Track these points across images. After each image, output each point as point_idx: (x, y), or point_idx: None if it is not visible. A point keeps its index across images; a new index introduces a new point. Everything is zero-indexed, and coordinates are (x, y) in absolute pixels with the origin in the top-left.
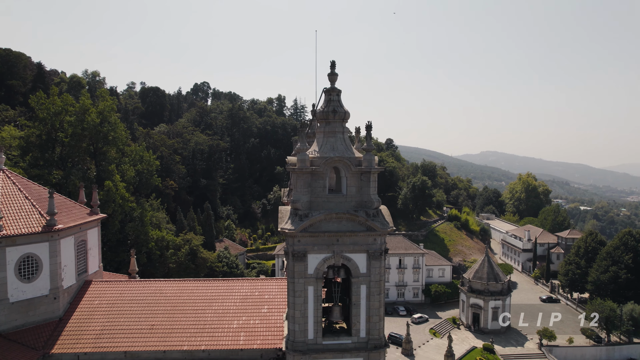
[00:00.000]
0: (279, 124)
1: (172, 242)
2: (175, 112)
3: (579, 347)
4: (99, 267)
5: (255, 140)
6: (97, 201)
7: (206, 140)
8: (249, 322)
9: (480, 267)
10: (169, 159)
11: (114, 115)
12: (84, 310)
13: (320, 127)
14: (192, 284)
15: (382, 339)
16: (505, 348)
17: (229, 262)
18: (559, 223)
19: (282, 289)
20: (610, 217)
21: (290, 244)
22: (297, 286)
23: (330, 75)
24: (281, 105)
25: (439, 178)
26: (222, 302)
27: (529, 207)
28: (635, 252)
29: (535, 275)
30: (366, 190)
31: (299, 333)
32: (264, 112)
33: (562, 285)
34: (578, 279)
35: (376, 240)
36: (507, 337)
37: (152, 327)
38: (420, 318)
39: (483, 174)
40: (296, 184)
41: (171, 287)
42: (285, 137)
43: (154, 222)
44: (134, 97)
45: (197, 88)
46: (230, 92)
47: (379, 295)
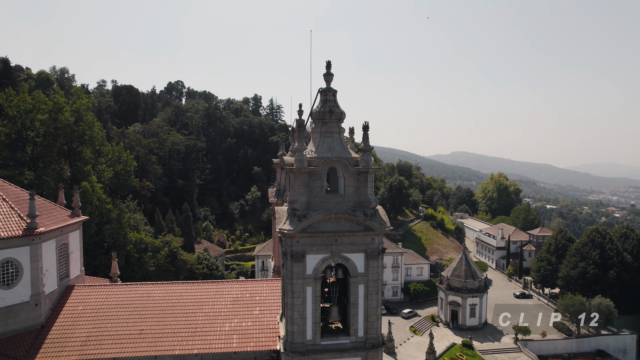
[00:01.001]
0: (256, 124)
1: (151, 245)
2: (150, 111)
3: (551, 341)
4: (81, 272)
5: (232, 140)
6: (78, 202)
7: (183, 140)
8: (242, 324)
9: (458, 265)
10: (145, 159)
11: (90, 114)
12: (68, 316)
13: (316, 127)
14: (181, 287)
15: (379, 338)
16: (483, 344)
17: (209, 264)
18: (529, 221)
19: (273, 290)
20: (574, 215)
21: (288, 244)
22: (295, 287)
23: (326, 75)
24: (257, 105)
25: (414, 178)
26: (212, 304)
27: (501, 206)
28: (602, 248)
29: (509, 272)
30: (363, 190)
31: (298, 334)
32: (241, 112)
33: (534, 281)
34: (549, 275)
35: (374, 240)
36: (485, 333)
37: (141, 332)
38: (410, 313)
39: (454, 174)
40: (294, 184)
41: (159, 290)
42: (263, 137)
43: (131, 224)
44: (106, 95)
45: (171, 87)
46: (205, 92)
47: (377, 294)
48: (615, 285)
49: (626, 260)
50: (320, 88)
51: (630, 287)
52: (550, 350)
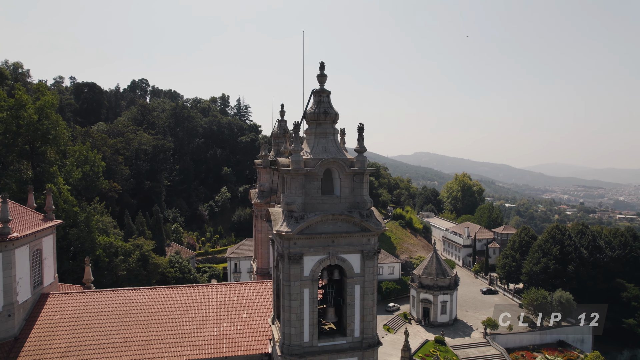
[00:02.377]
0: (225, 124)
1: (121, 248)
2: (113, 110)
3: (517, 334)
4: (55, 279)
5: (200, 141)
6: (51, 206)
7: (150, 140)
8: (231, 328)
9: (429, 264)
10: (111, 159)
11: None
12: (44, 326)
13: (310, 128)
14: (165, 292)
15: (375, 338)
16: (455, 339)
17: (181, 267)
18: (493, 220)
19: (260, 293)
20: (530, 213)
21: (285, 246)
22: (293, 289)
23: (320, 76)
24: (225, 104)
25: (382, 178)
26: (199, 309)
27: (465, 205)
28: (562, 244)
29: (475, 270)
30: (359, 191)
31: (295, 337)
32: (209, 111)
33: (499, 277)
34: (514, 271)
35: (370, 240)
36: (455, 329)
37: (126, 340)
38: (393, 307)
39: (417, 174)
40: (290, 185)
41: (142, 296)
42: (232, 138)
43: (100, 228)
44: (65, 92)
45: (135, 85)
46: (170, 90)
47: (372, 294)
48: (574, 279)
49: (583, 255)
50: (313, 89)
51: (587, 281)
52: (517, 343)
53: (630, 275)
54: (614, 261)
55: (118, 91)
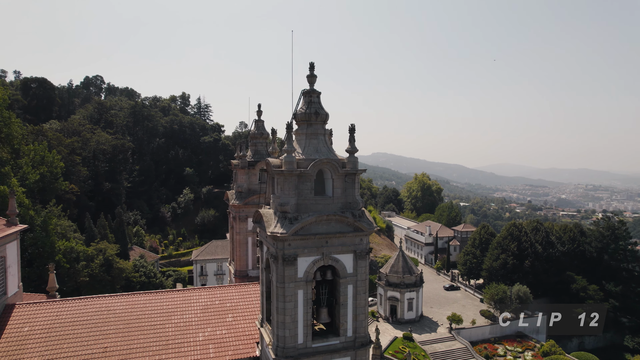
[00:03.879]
0: (187, 123)
1: (83, 253)
2: (66, 107)
3: (480, 327)
4: (19, 288)
5: (161, 140)
6: (15, 210)
7: (109, 139)
8: (216, 333)
9: (396, 262)
10: (68, 160)
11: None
12: (12, 340)
13: (300, 129)
14: (144, 297)
15: (367, 336)
16: (422, 335)
17: (147, 271)
18: (452, 218)
19: (243, 296)
20: (483, 211)
21: (279, 248)
22: (287, 291)
23: (310, 77)
24: (185, 103)
25: None
26: (181, 314)
27: (425, 204)
28: (519, 240)
29: (437, 267)
30: (351, 191)
31: (290, 339)
32: (169, 110)
33: (461, 273)
34: (474, 267)
35: (362, 240)
36: (422, 325)
37: (105, 350)
38: (371, 301)
39: (376, 174)
40: (284, 186)
41: (120, 303)
42: (194, 137)
43: (59, 232)
44: (9, 87)
45: (89, 82)
46: (127, 88)
47: (365, 293)
48: (530, 273)
49: (538, 250)
50: (303, 90)
51: (541, 274)
52: (480, 336)
53: (579, 268)
54: (564, 255)
55: (71, 88)
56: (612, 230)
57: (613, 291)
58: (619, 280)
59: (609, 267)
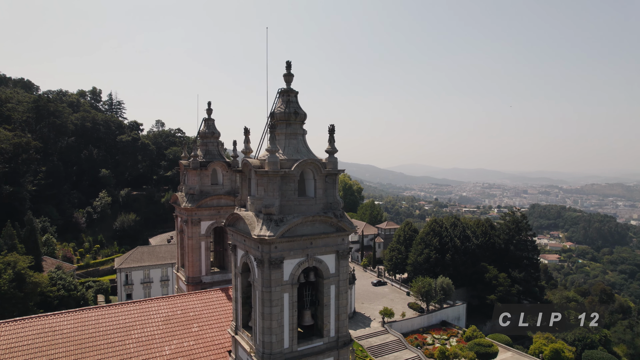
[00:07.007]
0: (101, 120)
1: None
2: None
3: (409, 319)
4: None
5: (71, 139)
6: None
7: (9, 137)
8: (183, 345)
9: None
10: None
11: None
12: None
13: (279, 128)
14: (95, 313)
15: (349, 335)
16: (357, 331)
17: (65, 284)
18: (374, 216)
19: (206, 304)
20: (396, 209)
21: (265, 251)
22: (274, 295)
23: (287, 75)
24: (97, 99)
25: None
26: (141, 328)
27: (347, 203)
28: (440, 236)
29: (364, 264)
30: (332, 192)
31: (276, 344)
32: (79, 106)
33: (387, 269)
34: (400, 262)
35: (344, 240)
36: (356, 321)
37: None
38: None
39: None
40: (267, 188)
41: (67, 321)
42: (109, 136)
43: None
44: None
45: None
46: (23, 79)
47: (346, 293)
48: (451, 265)
49: (456, 244)
50: (280, 89)
51: (460, 266)
52: (409, 327)
53: (490, 259)
54: (478, 248)
55: None
56: (517, 224)
57: (517, 277)
58: (522, 268)
59: (514, 257)
